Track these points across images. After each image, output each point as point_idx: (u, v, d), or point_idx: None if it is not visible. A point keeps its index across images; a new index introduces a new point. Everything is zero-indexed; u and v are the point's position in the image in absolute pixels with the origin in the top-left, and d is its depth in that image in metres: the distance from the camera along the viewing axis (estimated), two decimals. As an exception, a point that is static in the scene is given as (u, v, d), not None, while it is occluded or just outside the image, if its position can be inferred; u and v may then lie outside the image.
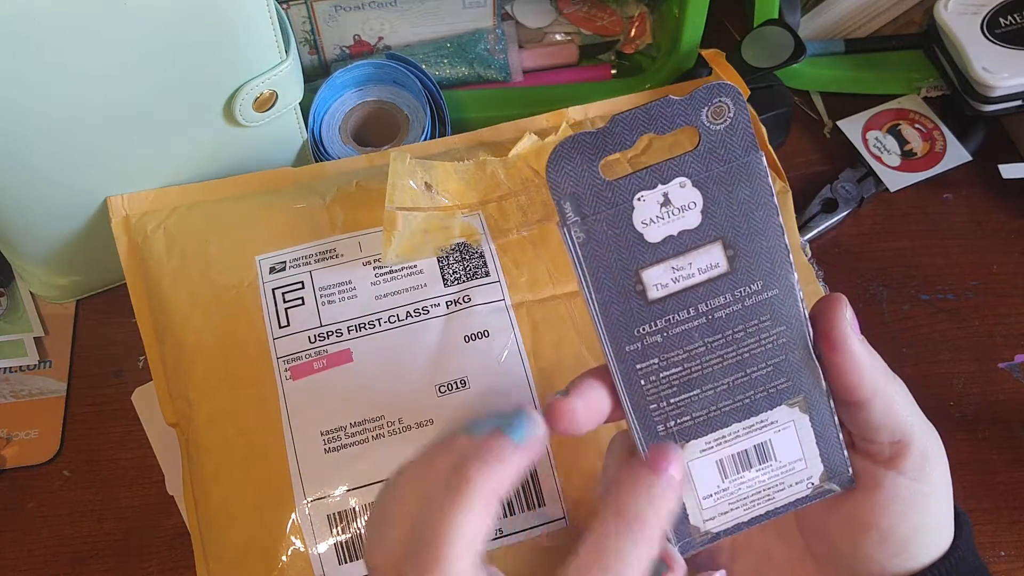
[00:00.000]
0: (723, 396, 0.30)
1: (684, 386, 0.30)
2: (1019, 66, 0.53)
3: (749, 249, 0.29)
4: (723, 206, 0.29)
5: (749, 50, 0.53)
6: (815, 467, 0.32)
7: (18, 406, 0.52)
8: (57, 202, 0.46)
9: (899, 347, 0.53)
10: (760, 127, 0.49)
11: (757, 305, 0.30)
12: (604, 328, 0.29)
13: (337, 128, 0.54)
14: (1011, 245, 0.56)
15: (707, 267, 0.29)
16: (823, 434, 0.31)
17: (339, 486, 0.40)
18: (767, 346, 0.30)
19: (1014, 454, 0.50)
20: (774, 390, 0.31)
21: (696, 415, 0.30)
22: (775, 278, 0.30)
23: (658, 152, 0.49)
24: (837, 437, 0.31)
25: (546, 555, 0.40)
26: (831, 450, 0.31)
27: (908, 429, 0.31)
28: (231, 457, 0.42)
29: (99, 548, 0.48)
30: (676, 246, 0.29)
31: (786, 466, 0.31)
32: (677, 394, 0.30)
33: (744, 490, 0.31)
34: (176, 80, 0.43)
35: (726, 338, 0.30)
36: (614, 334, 0.29)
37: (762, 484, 0.31)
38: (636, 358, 0.29)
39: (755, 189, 0.29)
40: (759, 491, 0.31)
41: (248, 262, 0.45)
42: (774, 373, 0.30)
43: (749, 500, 0.31)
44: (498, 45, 0.60)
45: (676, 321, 0.29)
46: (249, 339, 0.43)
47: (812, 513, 0.33)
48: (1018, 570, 0.47)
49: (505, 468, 0.27)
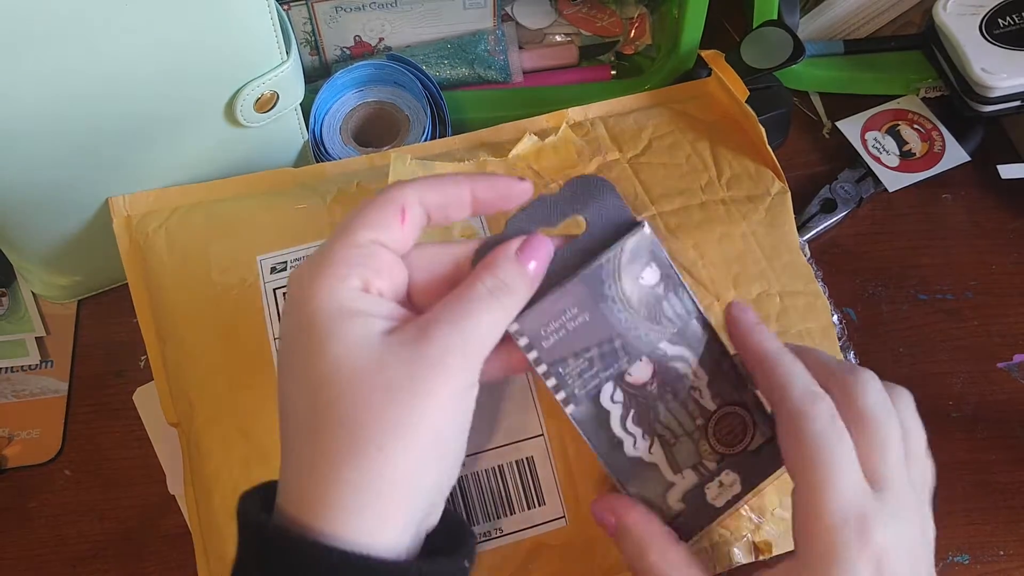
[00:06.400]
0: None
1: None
2: (1018, 67, 0.53)
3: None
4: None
5: (748, 51, 0.53)
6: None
7: (19, 406, 0.52)
8: (59, 202, 0.47)
9: (897, 347, 0.53)
10: (759, 128, 0.49)
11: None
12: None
13: (338, 129, 0.54)
14: (1010, 245, 0.56)
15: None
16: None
17: (340, 485, 0.40)
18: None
19: (1013, 454, 0.50)
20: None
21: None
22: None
23: (658, 152, 0.49)
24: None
25: (546, 554, 0.40)
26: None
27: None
28: (232, 457, 0.42)
29: (100, 548, 0.48)
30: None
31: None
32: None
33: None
34: (177, 80, 0.43)
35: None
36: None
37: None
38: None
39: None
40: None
41: (249, 262, 0.45)
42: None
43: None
44: (498, 46, 0.60)
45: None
46: (250, 339, 0.43)
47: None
48: (1018, 570, 0.47)
49: (426, 183, 0.32)
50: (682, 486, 0.35)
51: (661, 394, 0.34)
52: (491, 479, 0.41)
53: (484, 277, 0.31)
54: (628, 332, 0.34)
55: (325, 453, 0.28)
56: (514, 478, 0.41)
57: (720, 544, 0.40)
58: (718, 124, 0.51)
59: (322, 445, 0.28)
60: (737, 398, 0.35)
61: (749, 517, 0.41)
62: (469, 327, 0.30)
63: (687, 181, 0.48)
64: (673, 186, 0.48)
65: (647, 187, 0.48)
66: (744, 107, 0.50)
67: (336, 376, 0.29)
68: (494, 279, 0.31)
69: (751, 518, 0.41)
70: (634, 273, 0.34)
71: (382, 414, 0.28)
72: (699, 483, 0.35)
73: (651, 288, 0.34)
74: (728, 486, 0.35)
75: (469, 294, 0.31)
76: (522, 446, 0.41)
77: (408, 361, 0.29)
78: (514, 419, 0.41)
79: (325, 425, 0.29)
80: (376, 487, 0.28)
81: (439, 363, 0.29)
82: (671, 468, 0.35)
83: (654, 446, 0.35)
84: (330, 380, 0.29)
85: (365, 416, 0.28)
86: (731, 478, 0.35)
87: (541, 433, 0.41)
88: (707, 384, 0.35)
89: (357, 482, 0.28)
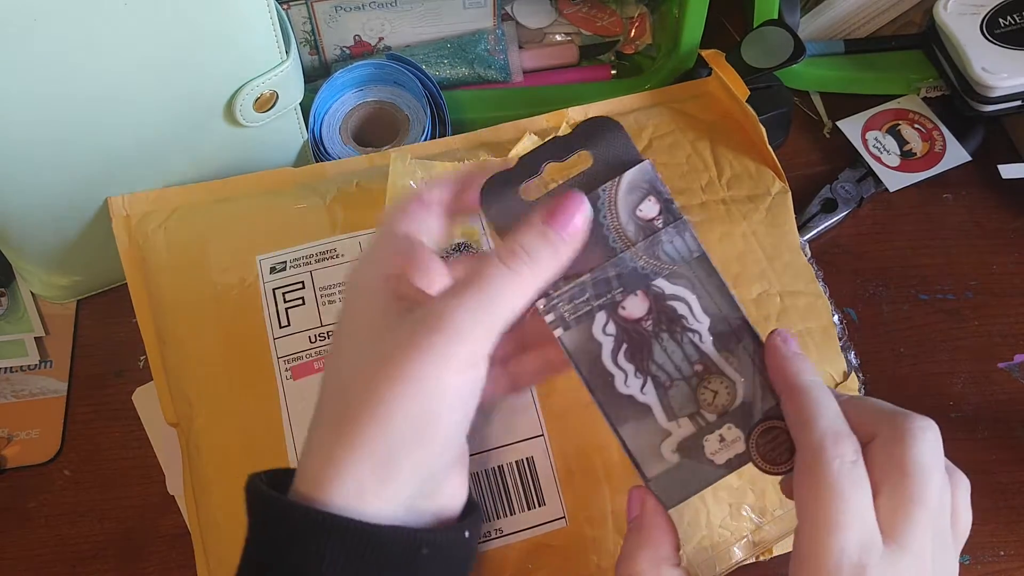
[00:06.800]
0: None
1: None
2: (1018, 66, 0.53)
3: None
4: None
5: (749, 50, 0.53)
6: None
7: (19, 406, 0.52)
8: (58, 203, 0.46)
9: (898, 347, 0.53)
10: (760, 128, 0.49)
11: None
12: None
13: (337, 128, 0.54)
14: (1011, 245, 0.56)
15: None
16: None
17: (339, 486, 0.40)
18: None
19: (1014, 454, 0.50)
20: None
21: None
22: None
23: (658, 152, 0.49)
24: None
25: (546, 554, 0.40)
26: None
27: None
28: (232, 457, 0.42)
29: (99, 548, 0.48)
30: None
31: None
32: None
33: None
34: (176, 80, 0.43)
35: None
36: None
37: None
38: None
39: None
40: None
41: (249, 262, 0.45)
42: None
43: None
44: (498, 45, 0.60)
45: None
46: (250, 339, 0.43)
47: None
48: (1018, 570, 0.47)
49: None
50: (678, 435, 0.34)
51: (656, 332, 0.34)
52: (491, 479, 0.41)
53: (498, 248, 0.31)
54: (623, 263, 0.33)
55: (326, 428, 0.30)
56: (514, 478, 0.41)
57: (720, 544, 0.40)
58: (718, 124, 0.51)
59: (325, 421, 0.30)
60: (742, 354, 0.34)
61: (749, 517, 0.41)
62: (474, 299, 0.29)
63: (687, 181, 0.48)
64: (673, 186, 0.48)
65: (647, 187, 0.48)
66: (744, 107, 0.50)
67: (346, 347, 0.30)
68: (506, 246, 0.31)
69: (751, 518, 0.41)
70: (631, 205, 0.33)
71: (367, 390, 0.29)
72: (696, 434, 0.34)
73: (649, 221, 0.34)
74: (730, 443, 0.34)
75: (479, 267, 0.30)
76: (522, 446, 0.41)
77: (406, 333, 0.29)
78: (514, 419, 0.41)
79: (329, 401, 0.30)
80: (359, 462, 0.29)
81: (429, 337, 0.28)
82: (666, 414, 0.34)
83: (647, 386, 0.33)
84: (343, 358, 0.31)
85: (355, 392, 0.29)
86: (734, 434, 0.33)
87: (541, 433, 0.41)
88: (708, 328, 0.34)
89: (341, 457, 0.29)
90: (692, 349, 0.34)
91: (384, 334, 0.29)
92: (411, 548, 0.29)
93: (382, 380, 0.28)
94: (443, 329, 0.28)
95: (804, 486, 0.30)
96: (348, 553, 0.28)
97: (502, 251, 0.30)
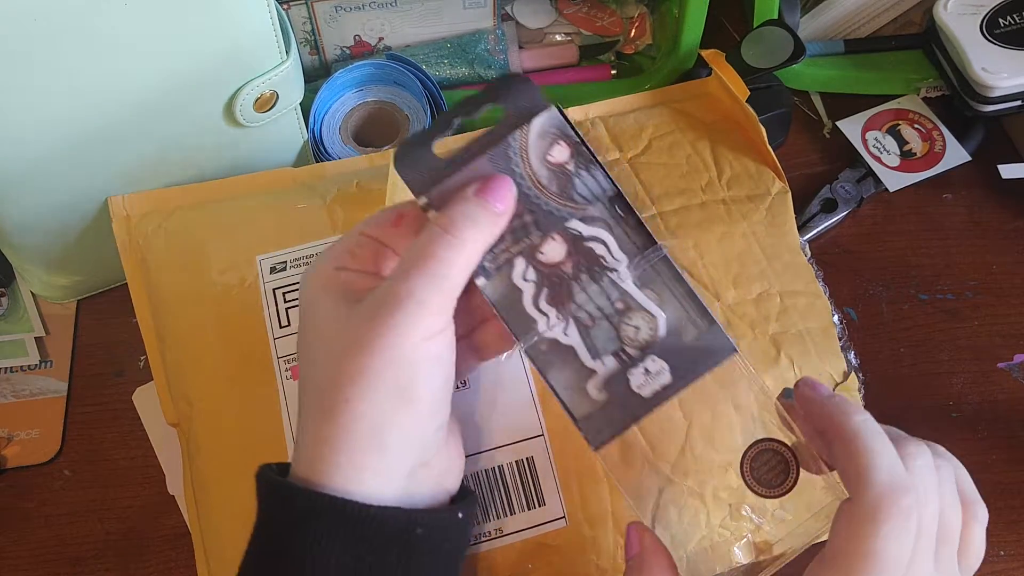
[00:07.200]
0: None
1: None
2: (1018, 66, 0.53)
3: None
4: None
5: (749, 50, 0.53)
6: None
7: (19, 406, 0.52)
8: (58, 203, 0.47)
9: (898, 347, 0.53)
10: (760, 127, 0.49)
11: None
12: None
13: (337, 128, 0.54)
14: (1010, 245, 0.56)
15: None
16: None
17: (339, 486, 0.40)
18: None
19: (1014, 454, 0.50)
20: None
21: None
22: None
23: (658, 152, 0.49)
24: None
25: (546, 554, 0.40)
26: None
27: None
28: (232, 457, 0.42)
29: (99, 548, 0.48)
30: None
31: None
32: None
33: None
34: (177, 81, 0.43)
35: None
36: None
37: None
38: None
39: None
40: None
41: (249, 262, 0.45)
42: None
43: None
44: (498, 45, 0.60)
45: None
46: (250, 339, 0.43)
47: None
48: (1018, 570, 0.47)
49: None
50: (603, 373, 0.34)
51: (576, 275, 0.34)
52: (491, 479, 0.41)
53: (437, 218, 0.32)
54: (538, 208, 0.34)
55: (311, 416, 0.31)
56: (514, 478, 0.41)
57: (720, 544, 0.40)
58: (718, 124, 0.51)
59: (309, 409, 0.32)
60: (661, 288, 0.34)
61: (750, 517, 0.41)
62: (426, 268, 0.31)
63: (687, 181, 0.48)
64: (673, 186, 0.48)
65: (647, 187, 0.48)
66: (744, 107, 0.50)
67: (314, 345, 0.32)
68: (445, 217, 0.32)
69: (751, 518, 0.41)
70: (541, 150, 0.34)
71: (344, 368, 0.30)
72: (620, 369, 0.34)
73: (561, 165, 0.34)
74: (655, 374, 0.34)
75: (424, 240, 0.32)
76: (522, 446, 0.41)
77: (366, 316, 0.30)
78: (514, 419, 0.41)
79: (308, 391, 0.32)
80: (349, 438, 0.30)
81: (391, 312, 0.30)
82: (589, 353, 0.34)
83: (569, 328, 0.34)
84: (309, 349, 0.32)
85: (332, 373, 0.30)
86: (658, 365, 0.34)
87: (541, 433, 0.41)
88: (626, 266, 0.34)
89: (333, 436, 0.30)
90: (612, 288, 0.34)
91: (349, 318, 0.31)
92: (406, 528, 0.31)
93: (356, 356, 0.30)
94: (402, 303, 0.30)
95: (851, 540, 0.29)
96: (345, 533, 0.29)
97: (442, 221, 0.32)
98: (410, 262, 0.31)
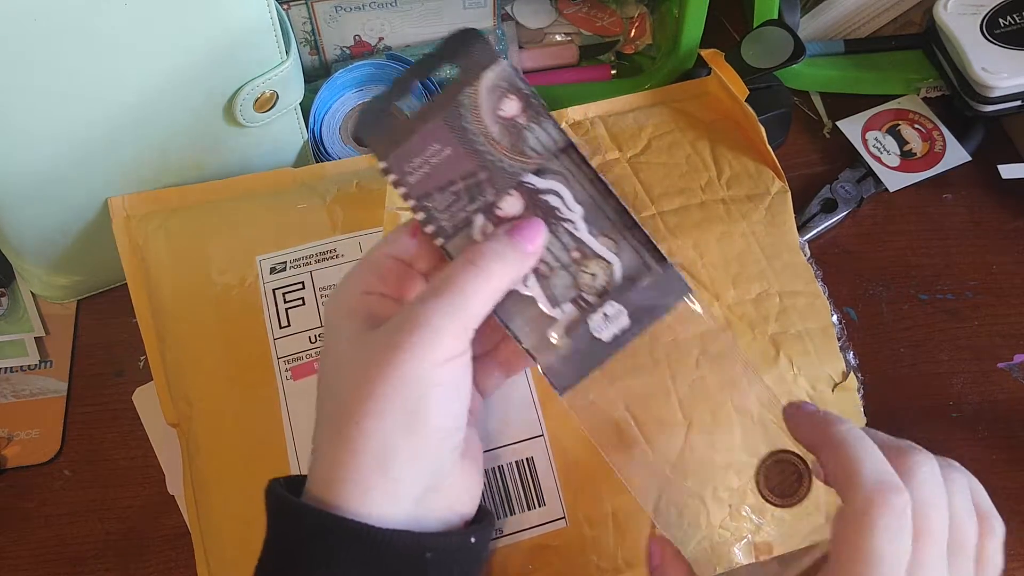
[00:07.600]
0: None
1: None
2: (1018, 66, 0.53)
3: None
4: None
5: (749, 50, 0.53)
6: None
7: (19, 406, 0.52)
8: (58, 203, 0.47)
9: (898, 347, 0.53)
10: (759, 127, 0.49)
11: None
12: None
13: (337, 128, 0.54)
14: (1010, 245, 0.56)
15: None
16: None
17: (339, 486, 0.40)
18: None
19: (1014, 454, 0.50)
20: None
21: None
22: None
23: (657, 152, 0.49)
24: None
25: (546, 555, 0.40)
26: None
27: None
28: (232, 457, 0.42)
29: (99, 548, 0.48)
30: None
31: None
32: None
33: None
34: (177, 81, 0.43)
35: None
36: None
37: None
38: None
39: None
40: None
41: (249, 262, 0.45)
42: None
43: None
44: (498, 45, 0.60)
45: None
46: (250, 339, 0.43)
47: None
48: (1018, 570, 0.47)
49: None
50: (563, 321, 0.35)
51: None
52: (491, 479, 0.41)
53: (466, 252, 0.32)
54: (492, 164, 0.34)
55: (327, 436, 0.31)
56: (514, 478, 0.41)
57: (720, 544, 0.40)
58: (718, 123, 0.51)
59: (325, 430, 0.32)
60: (616, 235, 0.35)
61: (749, 518, 0.41)
62: (445, 296, 0.31)
63: (687, 180, 0.48)
64: (673, 185, 0.48)
65: (647, 186, 0.48)
66: (744, 106, 0.50)
67: (332, 368, 0.32)
68: (474, 251, 0.32)
69: (751, 519, 0.41)
70: (492, 105, 0.34)
71: (357, 390, 0.30)
72: (580, 316, 0.35)
73: (512, 119, 0.34)
74: (613, 318, 0.35)
75: (449, 269, 0.32)
76: (522, 446, 0.41)
77: (382, 340, 0.31)
78: (514, 419, 0.41)
79: (325, 412, 0.32)
80: (358, 459, 0.30)
81: (406, 336, 0.30)
82: (549, 301, 0.35)
83: (529, 279, 0.35)
84: (328, 372, 0.33)
85: (346, 396, 0.31)
86: (615, 309, 0.35)
87: (541, 433, 0.41)
88: (581, 217, 0.35)
89: (344, 458, 0.30)
90: (568, 238, 0.35)
91: (366, 343, 0.31)
92: (416, 552, 0.30)
93: (368, 379, 0.30)
94: (417, 328, 0.30)
95: (851, 537, 0.30)
96: (353, 553, 0.29)
97: (470, 253, 0.32)
98: (432, 290, 0.31)
